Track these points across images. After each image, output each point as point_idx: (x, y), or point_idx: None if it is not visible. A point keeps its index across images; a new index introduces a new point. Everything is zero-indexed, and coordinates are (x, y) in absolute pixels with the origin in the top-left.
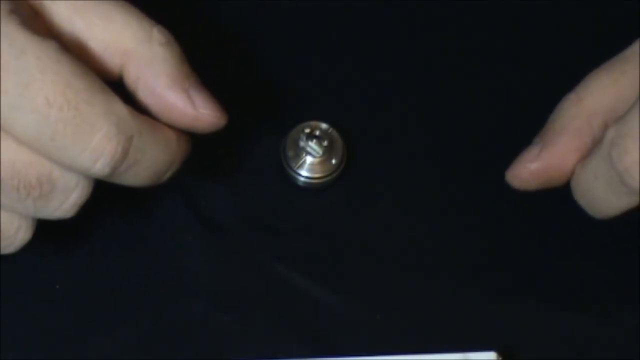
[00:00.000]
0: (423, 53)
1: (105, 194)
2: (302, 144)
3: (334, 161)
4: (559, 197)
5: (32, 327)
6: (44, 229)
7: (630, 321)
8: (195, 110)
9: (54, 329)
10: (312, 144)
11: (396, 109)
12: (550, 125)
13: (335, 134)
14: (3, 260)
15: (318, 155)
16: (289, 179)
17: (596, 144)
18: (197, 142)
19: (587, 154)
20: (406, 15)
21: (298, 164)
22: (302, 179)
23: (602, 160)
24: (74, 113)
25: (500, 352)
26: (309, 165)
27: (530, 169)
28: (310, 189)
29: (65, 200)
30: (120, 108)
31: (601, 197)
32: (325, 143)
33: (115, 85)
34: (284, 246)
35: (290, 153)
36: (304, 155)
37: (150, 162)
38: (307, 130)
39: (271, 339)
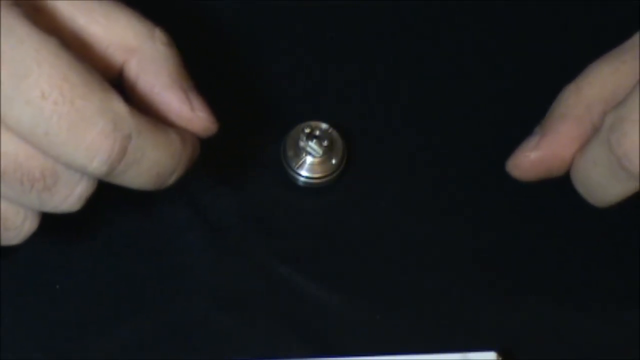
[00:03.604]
0: (423, 53)
1: (105, 194)
2: (302, 144)
3: (334, 161)
4: (559, 197)
5: (32, 327)
6: (44, 228)
7: (630, 321)
8: (193, 112)
9: (54, 329)
10: (312, 144)
11: (396, 109)
12: (550, 114)
13: (335, 134)
14: (3, 260)
15: (318, 155)
16: (289, 179)
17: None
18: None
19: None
20: (406, 16)
21: (298, 164)
22: (302, 179)
23: (601, 145)
24: (69, 108)
25: (500, 352)
26: (309, 165)
27: (530, 158)
28: (310, 189)
29: (70, 194)
30: (119, 106)
31: (601, 184)
32: (325, 143)
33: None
34: (284, 246)
35: (290, 153)
36: (304, 155)
37: (152, 163)
38: (307, 130)
39: (271, 339)
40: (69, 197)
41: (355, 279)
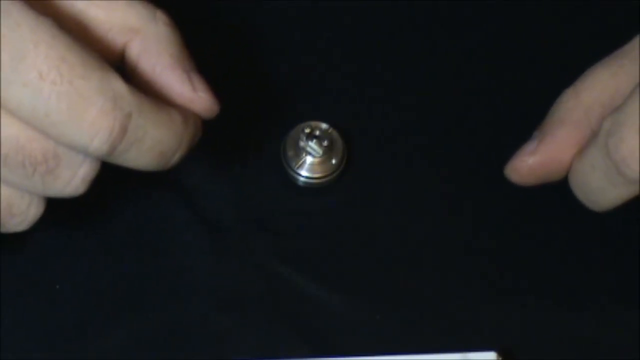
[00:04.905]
0: (423, 53)
1: (104, 194)
2: (302, 144)
3: (334, 161)
4: (558, 197)
5: (32, 327)
6: (44, 228)
7: (630, 321)
8: (194, 92)
9: (54, 329)
10: (312, 144)
11: (396, 109)
12: (549, 119)
13: (335, 134)
14: (3, 260)
15: (318, 155)
16: (289, 179)
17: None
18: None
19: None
20: (406, 16)
21: (298, 164)
22: (302, 179)
23: (598, 150)
24: (67, 87)
25: (500, 352)
26: (309, 165)
27: (529, 163)
28: (310, 189)
29: (74, 176)
30: (118, 84)
31: (598, 188)
32: (325, 143)
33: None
34: (284, 246)
35: (290, 153)
36: (304, 155)
37: (154, 142)
38: (307, 130)
39: (271, 339)
40: (72, 179)
41: (355, 279)
